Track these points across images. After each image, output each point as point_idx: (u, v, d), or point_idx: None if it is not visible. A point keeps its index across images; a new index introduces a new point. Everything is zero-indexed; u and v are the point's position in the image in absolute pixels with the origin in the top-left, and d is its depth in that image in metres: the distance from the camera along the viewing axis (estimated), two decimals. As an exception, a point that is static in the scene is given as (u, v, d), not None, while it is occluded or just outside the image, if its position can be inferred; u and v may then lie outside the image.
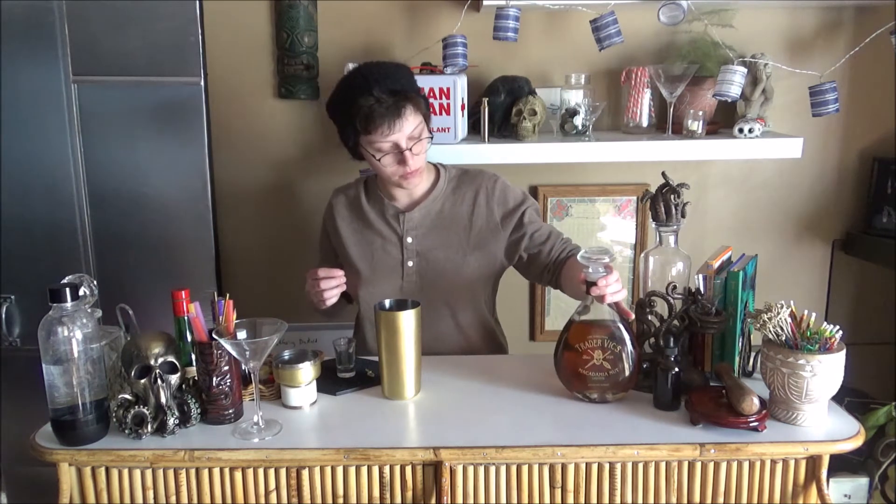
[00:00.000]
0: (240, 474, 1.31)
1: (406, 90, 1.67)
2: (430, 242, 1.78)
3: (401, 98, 1.64)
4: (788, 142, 2.12)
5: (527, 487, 1.31)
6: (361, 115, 1.63)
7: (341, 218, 1.85)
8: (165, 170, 2.17)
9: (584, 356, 1.41)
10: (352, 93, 1.66)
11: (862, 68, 2.30)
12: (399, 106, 1.63)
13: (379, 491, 1.32)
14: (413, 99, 1.67)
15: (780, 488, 1.32)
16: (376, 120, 1.62)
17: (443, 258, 1.77)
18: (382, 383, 1.49)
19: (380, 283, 1.79)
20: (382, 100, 1.62)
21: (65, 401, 1.29)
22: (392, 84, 1.65)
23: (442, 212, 1.79)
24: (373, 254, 1.80)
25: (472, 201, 1.80)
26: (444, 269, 1.77)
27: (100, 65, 2.10)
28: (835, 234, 2.45)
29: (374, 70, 1.68)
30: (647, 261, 1.56)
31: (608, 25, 2.00)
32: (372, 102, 1.62)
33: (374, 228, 1.81)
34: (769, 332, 1.33)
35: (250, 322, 1.35)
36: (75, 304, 1.28)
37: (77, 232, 2.18)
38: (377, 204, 1.82)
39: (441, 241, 1.78)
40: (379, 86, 1.63)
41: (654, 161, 2.13)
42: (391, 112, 1.62)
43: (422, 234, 1.78)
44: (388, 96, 1.63)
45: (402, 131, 1.65)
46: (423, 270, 1.77)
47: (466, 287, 1.79)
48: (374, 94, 1.62)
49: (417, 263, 1.77)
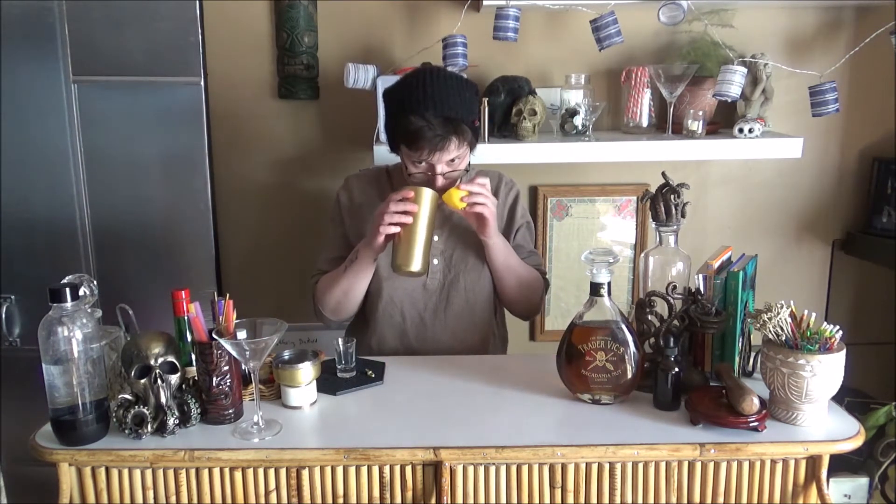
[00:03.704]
0: (240, 474, 1.31)
1: (460, 119, 1.62)
2: (455, 241, 1.79)
3: (451, 128, 1.60)
4: (788, 142, 2.12)
5: (527, 487, 1.31)
6: (408, 130, 1.60)
7: (361, 208, 1.80)
8: (165, 170, 2.18)
9: (586, 357, 1.41)
10: (408, 105, 1.61)
11: (862, 68, 2.30)
12: (447, 136, 1.60)
13: (379, 491, 1.32)
14: (462, 131, 1.62)
15: (780, 488, 1.32)
16: (419, 142, 1.60)
17: (466, 257, 1.78)
18: (394, 256, 1.59)
19: (401, 279, 1.75)
20: (433, 125, 1.58)
21: (65, 401, 1.29)
22: (448, 110, 1.60)
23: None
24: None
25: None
26: (467, 267, 1.78)
27: (100, 65, 2.10)
28: (835, 234, 2.46)
29: (436, 90, 1.62)
30: (647, 261, 1.56)
31: (608, 25, 2.00)
32: (422, 124, 1.58)
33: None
34: (769, 332, 1.33)
35: (250, 322, 1.35)
36: (75, 304, 1.28)
37: (77, 232, 2.18)
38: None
39: (464, 240, 1.79)
40: (434, 109, 1.59)
41: (654, 161, 2.14)
42: (437, 140, 1.59)
43: (447, 232, 1.78)
44: (439, 123, 1.59)
45: (441, 160, 1.63)
46: (448, 268, 1.78)
47: (485, 286, 1.80)
48: (427, 118, 1.58)
49: (442, 261, 1.78)
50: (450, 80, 1.66)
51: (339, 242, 1.84)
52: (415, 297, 1.78)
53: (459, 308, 1.79)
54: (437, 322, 1.79)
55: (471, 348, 1.80)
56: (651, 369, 1.43)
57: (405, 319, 1.79)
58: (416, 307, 1.79)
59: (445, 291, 1.78)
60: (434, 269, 1.77)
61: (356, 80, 2.09)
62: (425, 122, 1.58)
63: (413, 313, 1.79)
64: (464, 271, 1.78)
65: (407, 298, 1.78)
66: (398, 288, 1.77)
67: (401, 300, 1.78)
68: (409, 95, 1.62)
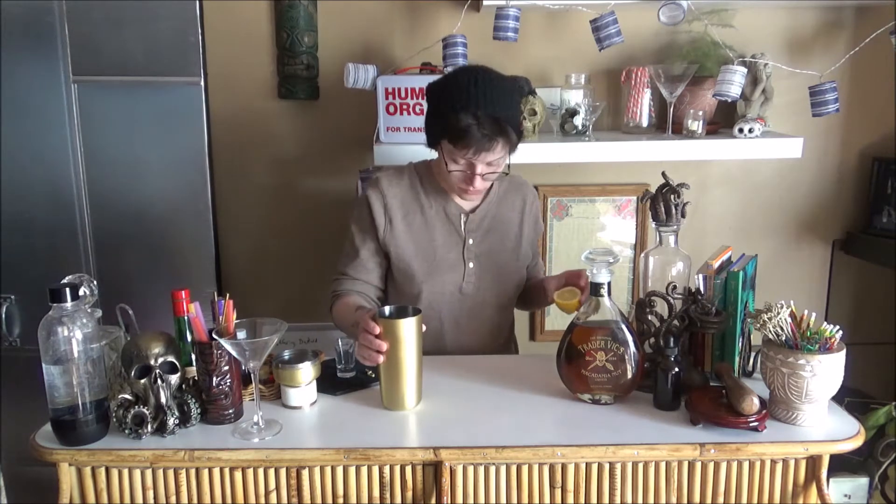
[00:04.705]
0: (240, 474, 1.31)
1: (508, 120, 1.61)
2: (488, 246, 1.78)
3: (499, 129, 1.59)
4: (788, 142, 2.12)
5: (527, 487, 1.31)
6: (456, 128, 1.58)
7: (395, 210, 1.74)
8: (165, 170, 2.18)
9: (586, 357, 1.41)
10: (458, 102, 1.59)
11: (862, 68, 2.30)
12: (494, 137, 1.59)
13: (379, 491, 1.32)
14: (509, 134, 1.61)
15: (780, 488, 1.32)
16: (466, 139, 1.58)
17: (498, 262, 1.78)
18: (381, 393, 1.44)
19: (438, 283, 1.74)
20: (482, 123, 1.57)
21: (65, 401, 1.29)
22: (498, 111, 1.59)
23: (497, 216, 1.80)
24: (435, 252, 1.74)
25: (521, 209, 1.83)
26: (499, 271, 1.78)
27: (100, 65, 2.10)
28: (835, 234, 2.46)
29: (488, 88, 1.60)
30: (647, 261, 1.56)
31: (608, 25, 2.00)
32: (471, 122, 1.57)
33: (434, 226, 1.75)
34: (769, 332, 1.33)
35: (250, 322, 1.35)
36: (75, 304, 1.28)
37: (77, 232, 2.18)
38: (439, 198, 1.76)
39: (496, 244, 1.79)
40: (485, 108, 1.58)
41: (654, 161, 2.13)
42: (484, 140, 1.58)
43: (480, 236, 1.77)
44: (488, 123, 1.58)
45: (484, 161, 1.62)
46: (481, 272, 1.77)
47: (513, 289, 1.82)
48: (477, 116, 1.57)
49: (477, 265, 1.76)
50: (501, 81, 1.65)
51: (363, 245, 1.76)
52: (452, 302, 1.77)
53: (492, 311, 1.80)
54: (472, 325, 1.78)
55: (497, 349, 1.82)
56: (651, 369, 1.43)
57: (443, 323, 1.76)
58: (454, 311, 1.77)
59: (481, 295, 1.77)
60: (469, 273, 1.76)
61: (356, 80, 2.09)
62: (475, 120, 1.57)
63: (450, 317, 1.77)
64: (497, 275, 1.78)
65: (445, 304, 1.76)
66: (437, 293, 1.74)
67: (439, 305, 1.75)
68: (459, 92, 1.60)
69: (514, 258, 1.80)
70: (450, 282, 1.74)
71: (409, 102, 2.05)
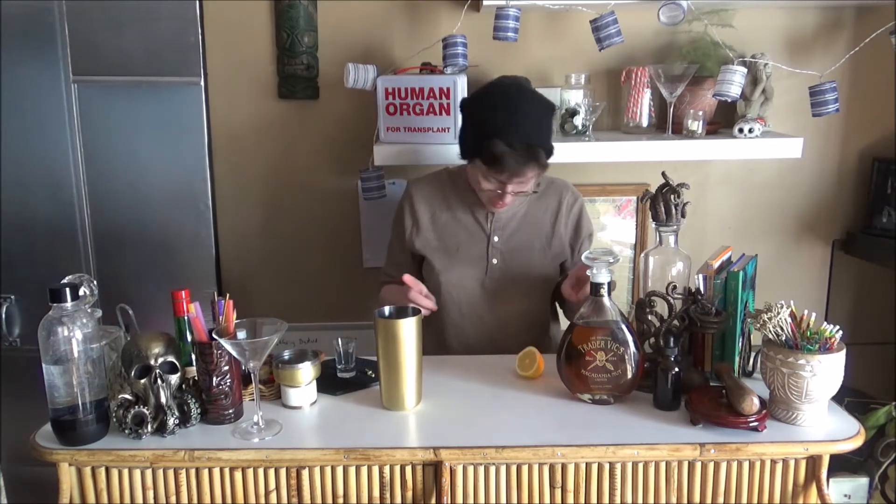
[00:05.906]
0: (240, 474, 1.31)
1: (541, 145, 1.65)
2: (514, 244, 1.82)
3: (531, 155, 1.63)
4: (788, 142, 2.12)
5: (527, 487, 1.31)
6: (490, 152, 1.62)
7: (422, 212, 1.85)
8: (165, 170, 2.18)
9: (586, 357, 1.41)
10: (492, 128, 1.63)
11: (862, 68, 2.30)
12: (527, 163, 1.63)
13: (379, 491, 1.32)
14: (541, 158, 1.66)
15: (780, 488, 1.32)
16: (499, 164, 1.62)
17: (525, 260, 1.81)
18: (381, 393, 1.45)
19: (458, 276, 1.80)
20: (516, 150, 1.61)
21: (65, 401, 1.29)
22: (531, 136, 1.64)
23: (527, 215, 1.83)
24: (458, 246, 1.81)
25: (556, 211, 1.85)
26: (526, 270, 1.80)
27: (100, 65, 2.10)
28: (835, 234, 2.45)
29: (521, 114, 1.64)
30: (647, 261, 1.56)
31: (608, 25, 1.99)
32: (505, 149, 1.60)
33: (459, 222, 1.82)
34: (769, 332, 1.33)
35: (250, 322, 1.35)
36: (75, 304, 1.28)
37: (77, 232, 2.18)
38: (468, 197, 1.82)
39: (524, 243, 1.82)
40: (519, 134, 1.61)
41: (654, 161, 2.13)
42: (517, 165, 1.62)
43: (507, 234, 1.82)
44: (522, 149, 1.61)
45: (516, 182, 1.67)
46: (506, 269, 1.80)
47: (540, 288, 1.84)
48: (511, 143, 1.61)
49: (501, 262, 1.80)
50: (535, 105, 1.68)
51: (397, 247, 1.90)
52: (473, 296, 1.81)
53: (518, 308, 1.81)
54: (496, 320, 1.81)
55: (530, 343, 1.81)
56: (651, 369, 1.43)
57: (464, 317, 1.82)
58: (475, 306, 1.81)
59: (506, 291, 1.80)
60: (493, 269, 1.80)
61: (356, 80, 2.09)
62: (510, 148, 1.60)
63: (471, 311, 1.81)
64: (523, 273, 1.80)
65: (465, 297, 1.81)
66: (455, 286, 1.80)
67: (459, 297, 1.81)
68: (493, 117, 1.64)
69: (543, 257, 1.83)
70: (470, 276, 1.80)
71: (409, 102, 2.05)
